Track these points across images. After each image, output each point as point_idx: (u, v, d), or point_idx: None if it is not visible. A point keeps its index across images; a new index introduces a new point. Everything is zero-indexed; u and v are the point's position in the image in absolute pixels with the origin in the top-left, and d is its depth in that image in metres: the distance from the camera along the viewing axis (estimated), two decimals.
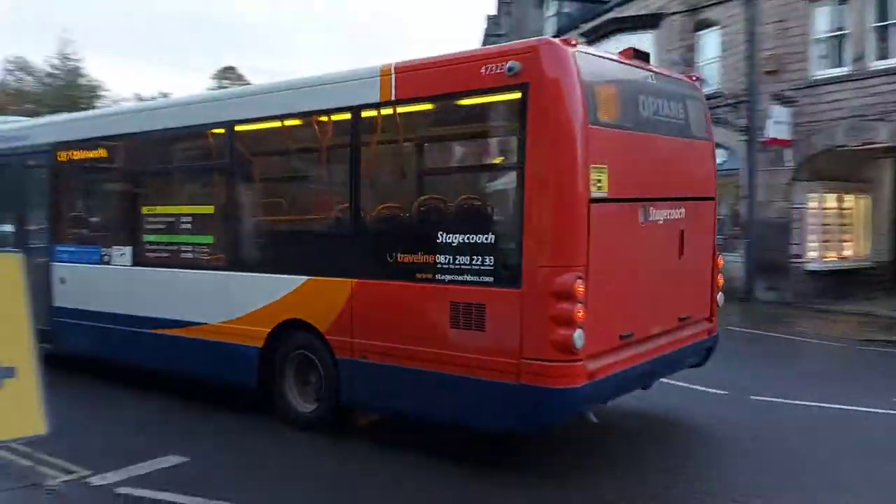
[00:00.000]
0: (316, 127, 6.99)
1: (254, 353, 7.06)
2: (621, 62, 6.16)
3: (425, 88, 6.10)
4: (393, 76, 6.18)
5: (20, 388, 4.55)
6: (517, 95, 5.47)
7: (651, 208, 6.14)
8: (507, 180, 5.60)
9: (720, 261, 7.32)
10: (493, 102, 5.81)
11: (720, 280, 7.31)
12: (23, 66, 50.28)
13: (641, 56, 6.38)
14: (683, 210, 6.57)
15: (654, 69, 6.57)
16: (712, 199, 7.23)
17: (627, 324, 5.97)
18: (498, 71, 5.52)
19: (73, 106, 40.68)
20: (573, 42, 5.52)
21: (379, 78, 6.26)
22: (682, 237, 6.57)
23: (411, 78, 6.13)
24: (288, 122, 7.15)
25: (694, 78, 7.25)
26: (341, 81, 6.63)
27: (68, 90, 47.52)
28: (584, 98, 5.36)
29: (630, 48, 6.30)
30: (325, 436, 6.70)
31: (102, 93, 50.24)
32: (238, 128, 7.42)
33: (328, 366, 6.60)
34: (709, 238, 7.18)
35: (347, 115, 6.53)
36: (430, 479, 5.84)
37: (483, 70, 5.63)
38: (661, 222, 6.28)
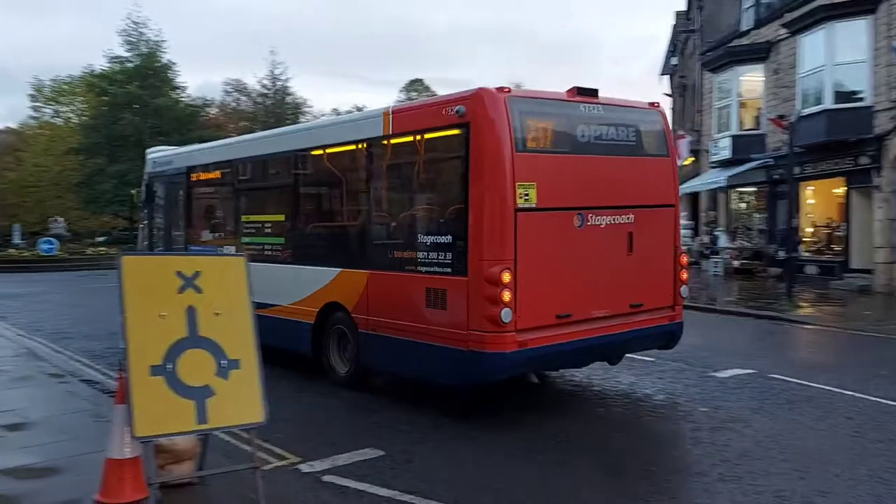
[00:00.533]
0: (343, 155, 9.09)
1: (309, 327, 9.25)
2: (560, 99, 7.69)
3: (411, 125, 7.97)
4: (391, 116, 8.14)
5: (244, 379, 4.84)
6: (464, 131, 7.22)
7: (590, 214, 7.63)
8: (461, 195, 7.33)
9: (683, 258, 8.58)
10: (450, 136, 7.54)
11: (683, 274, 8.58)
12: (239, 88, 55.94)
13: (587, 92, 7.84)
14: (632, 216, 7.97)
15: (602, 101, 7.96)
16: (672, 206, 8.52)
17: (565, 306, 7.49)
18: (452, 112, 7.31)
19: (279, 122, 44.52)
20: (506, 89, 7.18)
21: (381, 118, 8.24)
22: (631, 238, 7.98)
23: (402, 118, 8.05)
24: (327, 151, 9.30)
25: (656, 104, 8.54)
26: (358, 120, 8.69)
27: (276, 107, 51.83)
28: (511, 131, 7.02)
29: (574, 87, 7.78)
30: (524, 441, 6.95)
31: (306, 109, 55.08)
32: (298, 155, 9.70)
33: (355, 337, 8.64)
34: (668, 239, 8.47)
35: (363, 146, 8.59)
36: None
37: (444, 112, 7.43)
38: (603, 226, 7.74)
